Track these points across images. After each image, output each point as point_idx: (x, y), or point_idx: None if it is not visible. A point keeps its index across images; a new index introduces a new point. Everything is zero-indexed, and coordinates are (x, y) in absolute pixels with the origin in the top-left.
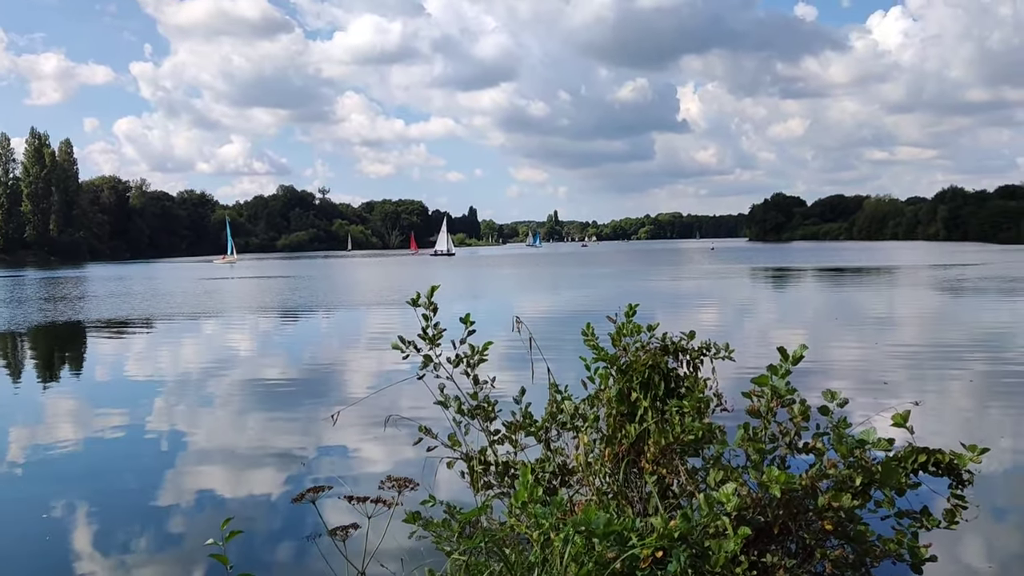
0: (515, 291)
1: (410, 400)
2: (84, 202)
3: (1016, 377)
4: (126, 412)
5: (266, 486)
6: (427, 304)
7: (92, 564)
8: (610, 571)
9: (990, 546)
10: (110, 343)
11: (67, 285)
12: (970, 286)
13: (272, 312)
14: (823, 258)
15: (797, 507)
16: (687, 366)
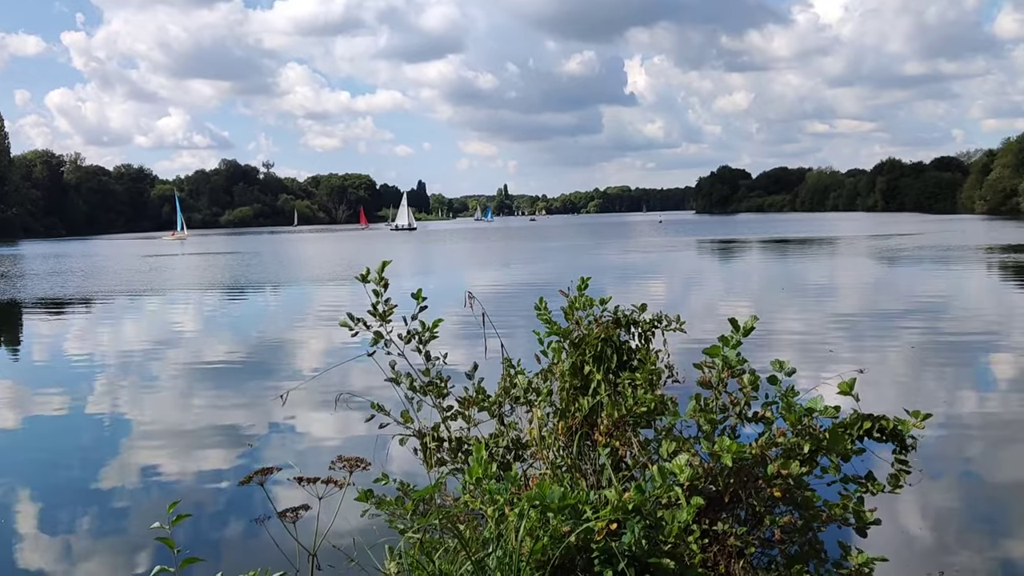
0: (469, 266)
1: (361, 378)
2: (16, 177)
3: (955, 344)
4: (68, 393)
5: (213, 468)
6: (377, 280)
7: (35, 549)
8: (565, 545)
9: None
10: (50, 322)
11: (1, 263)
12: (908, 256)
13: (224, 289)
14: (768, 230)
15: (747, 475)
16: (639, 339)
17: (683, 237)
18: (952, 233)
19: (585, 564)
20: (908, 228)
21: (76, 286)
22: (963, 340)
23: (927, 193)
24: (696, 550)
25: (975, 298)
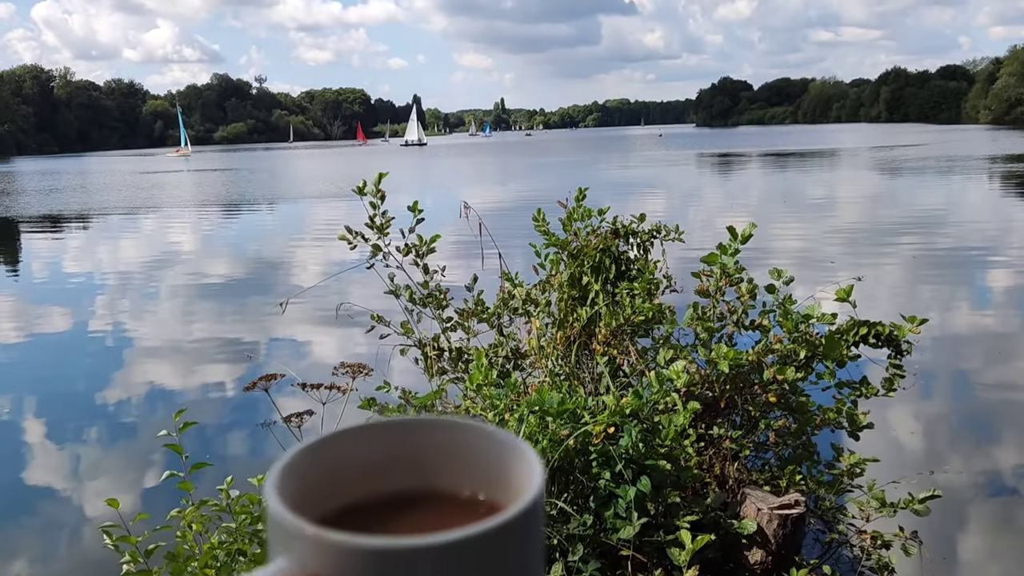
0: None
1: (360, 294)
2: (6, 93)
3: (958, 254)
4: (72, 310)
5: (217, 379)
6: (374, 192)
7: (45, 460)
8: (563, 447)
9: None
10: (54, 240)
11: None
12: (910, 168)
13: (237, 206)
14: (769, 143)
15: (743, 382)
16: (637, 249)
17: (683, 151)
18: (956, 144)
19: (583, 466)
20: (911, 139)
21: (80, 203)
22: (962, 253)
23: (931, 103)
24: (692, 453)
25: (975, 210)
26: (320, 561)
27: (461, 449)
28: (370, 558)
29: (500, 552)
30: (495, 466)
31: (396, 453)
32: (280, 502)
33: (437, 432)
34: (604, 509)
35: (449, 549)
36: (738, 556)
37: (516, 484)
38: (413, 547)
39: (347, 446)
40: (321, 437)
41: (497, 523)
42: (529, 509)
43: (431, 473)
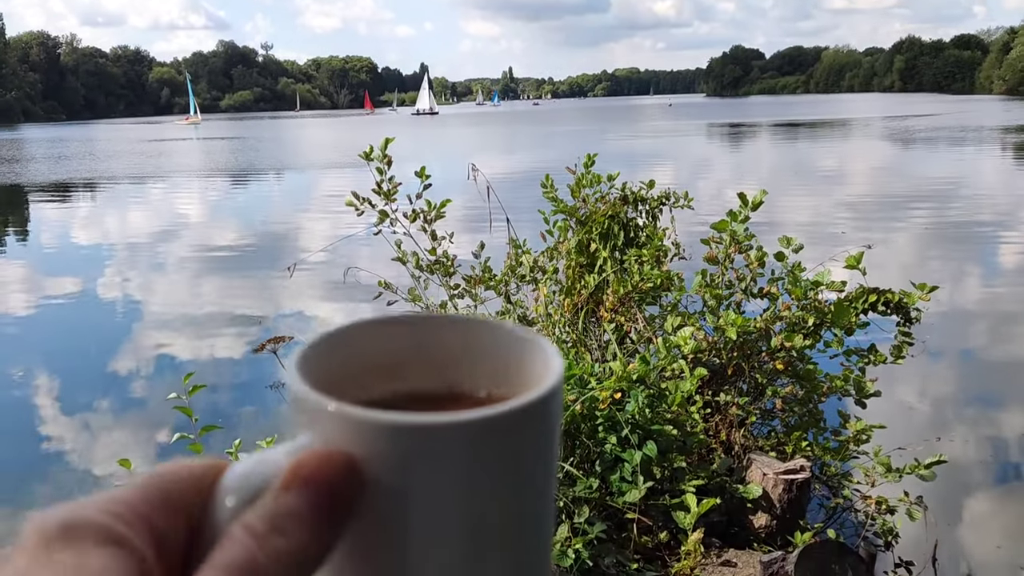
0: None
1: (368, 259)
2: (12, 60)
3: (969, 225)
4: (82, 276)
5: (225, 344)
6: (381, 157)
7: (57, 423)
8: (570, 412)
9: (928, 383)
10: (65, 208)
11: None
12: (923, 137)
13: (255, 174)
14: (780, 112)
15: (751, 349)
16: (646, 216)
17: (692, 121)
18: (969, 114)
19: (590, 431)
20: (924, 109)
21: (91, 171)
22: (973, 224)
23: (945, 73)
24: (698, 419)
25: (988, 182)
26: (343, 438)
27: (481, 347)
28: (393, 434)
29: (519, 434)
30: (514, 363)
31: (415, 348)
32: (302, 381)
33: (456, 329)
34: (610, 473)
35: (471, 427)
36: (743, 520)
37: (535, 378)
38: (436, 424)
39: (368, 337)
40: (340, 326)
41: (518, 405)
42: (548, 395)
43: (450, 372)
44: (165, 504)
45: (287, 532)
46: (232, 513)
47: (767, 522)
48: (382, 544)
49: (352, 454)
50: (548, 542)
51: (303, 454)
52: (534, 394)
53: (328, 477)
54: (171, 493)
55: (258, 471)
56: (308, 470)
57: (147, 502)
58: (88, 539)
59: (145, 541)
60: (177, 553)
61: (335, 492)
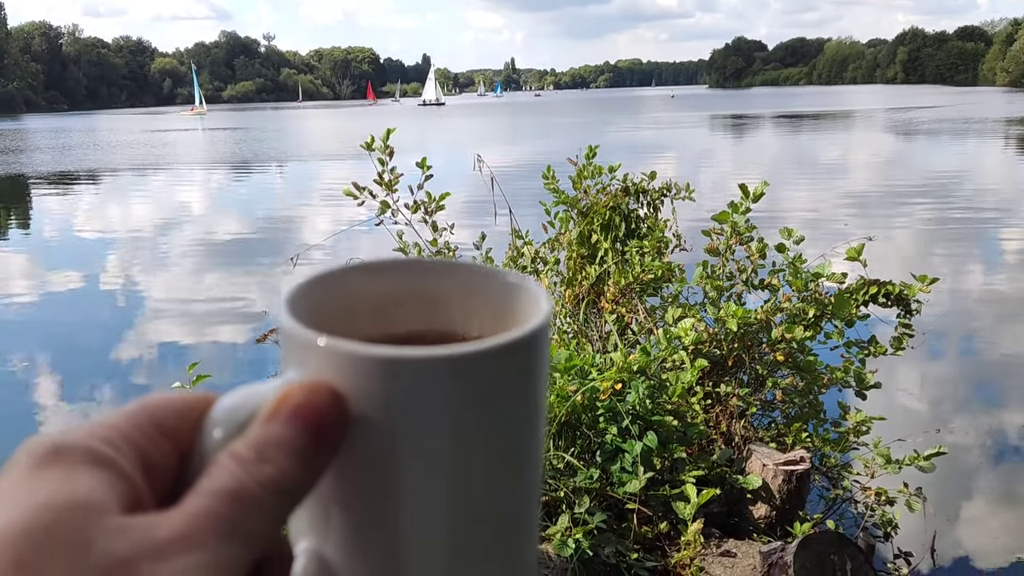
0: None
1: (369, 251)
2: (14, 50)
3: (971, 217)
4: (88, 266)
5: (228, 334)
6: (382, 148)
7: (59, 414)
8: (571, 403)
9: (928, 376)
10: (70, 198)
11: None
12: (926, 129)
13: (264, 164)
14: (783, 104)
15: (751, 340)
16: (648, 207)
17: (695, 112)
18: (972, 106)
19: (591, 422)
20: (927, 101)
21: (97, 161)
22: (975, 216)
23: (948, 64)
24: (699, 410)
25: (991, 174)
26: (332, 372)
27: (471, 291)
28: (379, 367)
29: (505, 369)
30: (504, 306)
31: (407, 293)
32: (292, 318)
33: (449, 273)
34: (611, 463)
35: (456, 361)
36: (743, 510)
37: (524, 320)
38: (421, 357)
39: (359, 280)
40: (334, 268)
41: (503, 340)
42: (533, 333)
43: (441, 314)
44: (155, 430)
45: (273, 460)
46: (219, 443)
47: (767, 513)
48: (369, 476)
49: (336, 386)
50: (536, 481)
51: (289, 386)
52: (519, 331)
53: (314, 407)
54: (161, 420)
55: (246, 403)
56: (294, 400)
57: (137, 428)
58: (77, 459)
59: (133, 464)
60: (166, 479)
61: (321, 421)
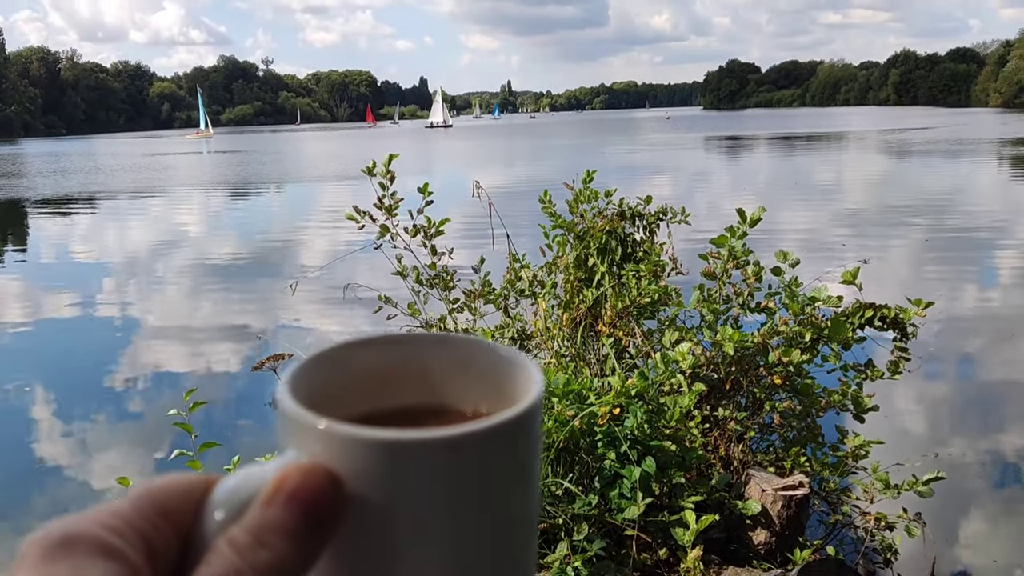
0: (477, 164)
1: (368, 274)
2: (13, 75)
3: (966, 237)
4: (79, 292)
5: (225, 359)
6: (384, 173)
7: (53, 439)
8: (569, 428)
9: (925, 397)
10: (76, 222)
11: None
12: (920, 150)
13: (272, 186)
14: (777, 126)
15: (749, 363)
16: (644, 231)
17: (690, 134)
18: (965, 127)
19: (589, 447)
20: (920, 122)
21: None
22: (970, 236)
23: (941, 86)
24: (697, 434)
25: (985, 194)
26: (331, 454)
27: (467, 364)
28: (374, 449)
29: (499, 449)
30: (499, 380)
31: (404, 367)
32: (292, 399)
33: (444, 347)
34: (609, 489)
35: (457, 441)
36: (742, 536)
37: (518, 395)
38: (416, 440)
39: (356, 356)
40: (332, 346)
41: (499, 421)
42: (526, 412)
43: (437, 388)
44: (158, 516)
45: (270, 545)
46: (220, 526)
47: (766, 539)
48: (366, 558)
49: (334, 468)
50: (532, 554)
51: (286, 468)
52: (513, 410)
53: (310, 490)
54: (164, 505)
55: (247, 485)
56: (291, 484)
57: (140, 514)
58: (85, 551)
59: (139, 553)
60: (168, 564)
61: (317, 505)
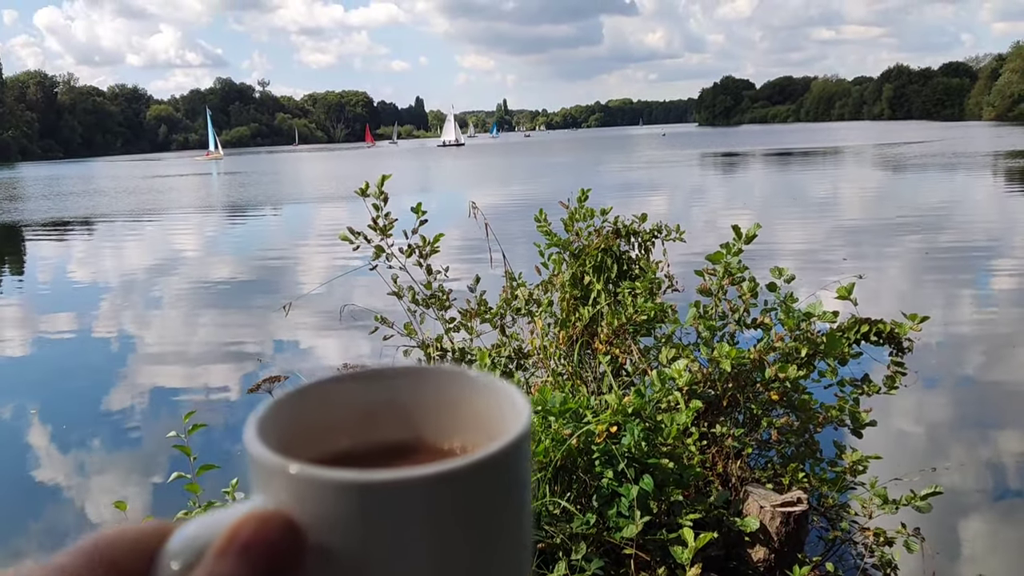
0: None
1: (364, 294)
2: (10, 99)
3: (963, 251)
4: (79, 314)
5: (222, 381)
6: (377, 194)
7: (53, 462)
8: (566, 447)
9: (923, 411)
10: (84, 244)
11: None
12: (915, 164)
13: (300, 204)
14: (772, 141)
15: (745, 380)
16: (639, 248)
17: (686, 150)
18: (960, 140)
19: (586, 465)
20: (915, 136)
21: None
22: (966, 250)
23: (934, 100)
24: (695, 451)
25: (982, 207)
26: (297, 499)
27: (448, 397)
28: (348, 493)
29: (482, 486)
30: (483, 413)
31: (382, 402)
32: (260, 442)
33: (423, 381)
34: (607, 508)
35: (436, 480)
36: (741, 554)
37: (502, 428)
38: (391, 481)
39: (331, 394)
40: (303, 385)
41: (478, 458)
42: (510, 447)
43: (418, 423)
44: (107, 568)
45: None
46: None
47: (765, 555)
48: None
49: (302, 513)
50: (527, 564)
51: (242, 517)
52: (493, 447)
53: (265, 541)
54: (113, 557)
55: (204, 533)
56: (245, 534)
57: (90, 567)
58: None
59: None
60: None
61: (272, 556)
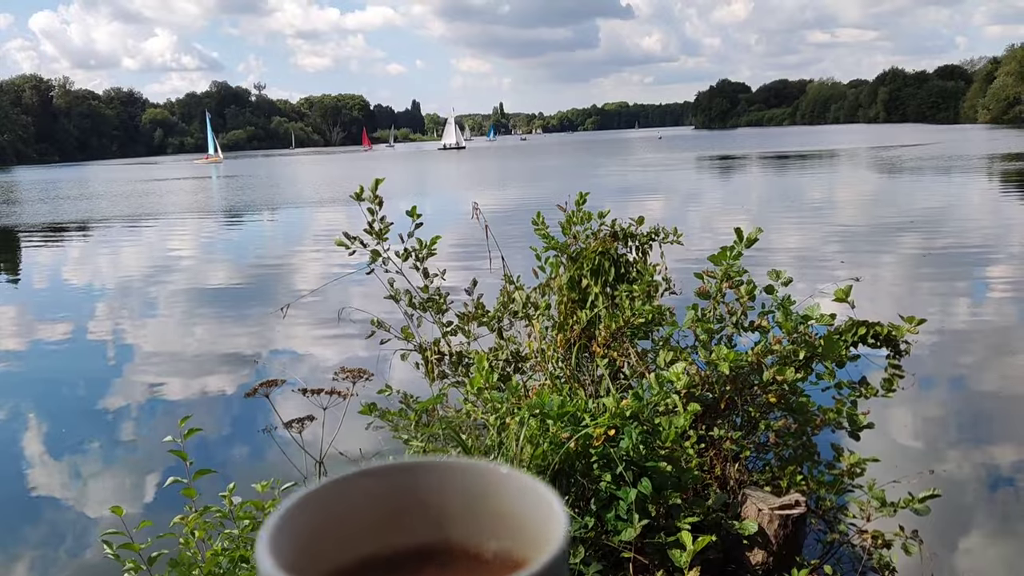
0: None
1: (360, 298)
2: (5, 103)
3: (959, 253)
4: (76, 318)
5: (218, 386)
6: (371, 198)
7: (49, 467)
8: (564, 450)
9: (920, 414)
10: (83, 247)
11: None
12: (911, 167)
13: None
14: (768, 144)
15: (743, 383)
16: (636, 252)
17: (682, 153)
18: (955, 143)
19: (584, 469)
20: (910, 139)
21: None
22: (962, 252)
23: (929, 103)
24: (693, 454)
25: (977, 209)
26: None
27: (478, 495)
28: None
29: None
30: (515, 513)
31: (407, 500)
32: (272, 563)
33: (450, 476)
34: (605, 511)
35: None
36: (739, 557)
37: (539, 534)
38: None
39: (349, 494)
40: (318, 486)
41: None
42: (559, 558)
43: (446, 523)
44: None
45: None
46: None
47: (763, 558)
48: None
49: None
50: None
51: None
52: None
53: None
54: None
55: None
56: None
57: None
58: None
59: None
60: None
61: None
